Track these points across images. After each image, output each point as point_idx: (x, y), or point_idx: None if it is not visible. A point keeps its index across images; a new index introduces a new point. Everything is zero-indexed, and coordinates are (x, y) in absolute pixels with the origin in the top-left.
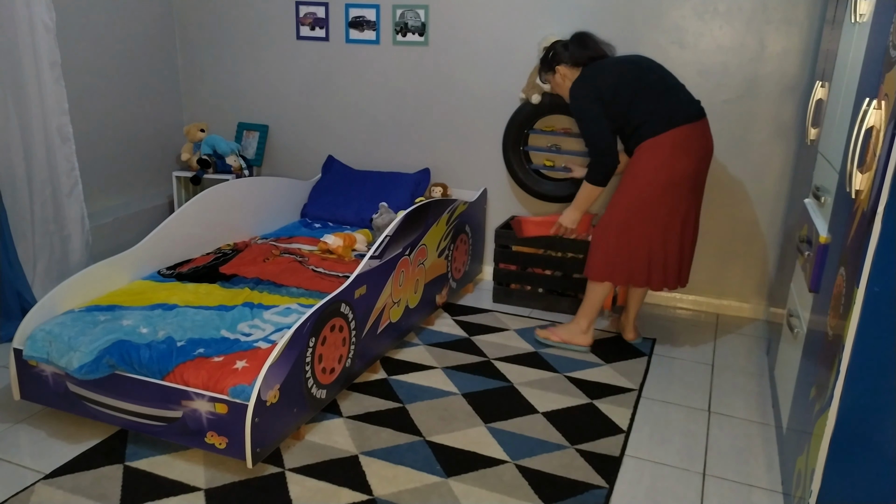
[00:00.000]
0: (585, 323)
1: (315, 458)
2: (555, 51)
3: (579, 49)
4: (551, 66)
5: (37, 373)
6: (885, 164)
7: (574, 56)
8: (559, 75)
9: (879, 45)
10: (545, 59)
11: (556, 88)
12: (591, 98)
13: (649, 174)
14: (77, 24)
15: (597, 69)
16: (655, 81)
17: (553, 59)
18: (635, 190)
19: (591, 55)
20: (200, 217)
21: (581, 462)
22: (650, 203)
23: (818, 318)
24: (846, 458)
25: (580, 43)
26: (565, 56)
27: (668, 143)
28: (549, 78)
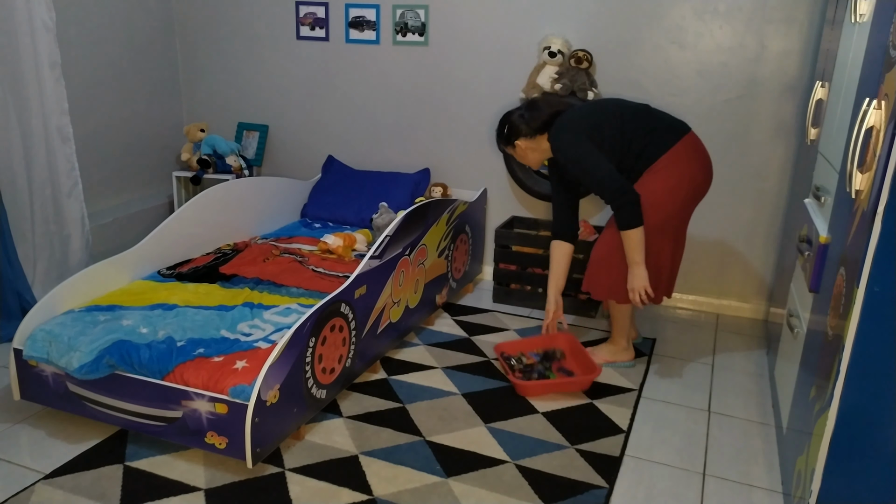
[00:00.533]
0: (623, 341)
1: (315, 458)
2: (510, 124)
3: (534, 113)
4: (509, 141)
5: (37, 373)
6: (885, 164)
7: (531, 124)
8: (520, 149)
9: (879, 45)
10: (500, 135)
11: (520, 160)
12: (581, 139)
13: (672, 190)
14: (77, 24)
15: (569, 117)
16: (637, 107)
17: (510, 133)
18: (660, 210)
19: (550, 113)
20: (200, 217)
21: (581, 462)
22: (673, 219)
23: (818, 318)
24: (846, 458)
25: (535, 109)
26: (524, 128)
27: (683, 153)
28: (509, 150)
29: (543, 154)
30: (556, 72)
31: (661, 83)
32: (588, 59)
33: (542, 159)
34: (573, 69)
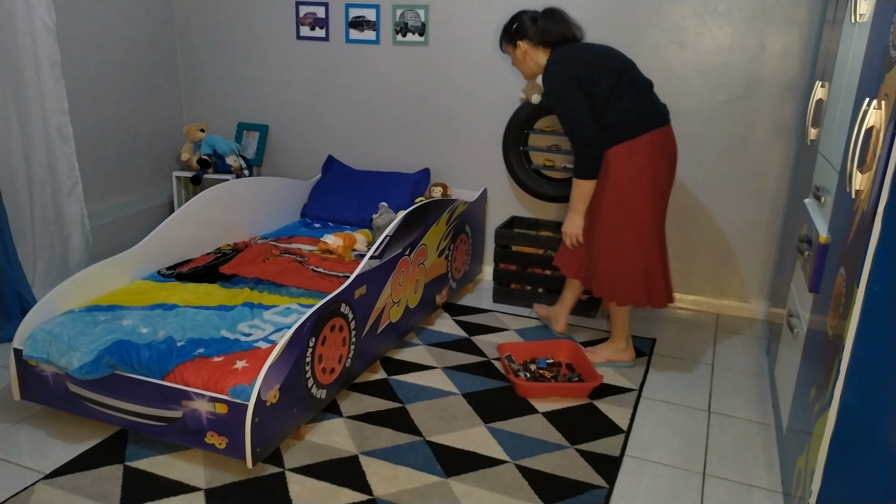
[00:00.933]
0: (622, 341)
1: (315, 458)
2: (520, 23)
3: (550, 25)
4: (513, 39)
5: (37, 373)
6: (885, 164)
7: (542, 33)
8: (520, 51)
9: (879, 45)
10: (507, 30)
11: (515, 64)
12: (572, 81)
13: (632, 180)
14: (77, 24)
15: (577, 51)
16: (636, 78)
17: (517, 31)
18: (620, 198)
19: (561, 34)
20: (200, 217)
21: (581, 462)
22: (638, 209)
23: (818, 318)
24: (846, 458)
25: (551, 18)
26: (531, 31)
27: (646, 145)
28: (509, 49)
29: (539, 69)
30: None
31: (661, 83)
32: None
33: (536, 73)
34: None
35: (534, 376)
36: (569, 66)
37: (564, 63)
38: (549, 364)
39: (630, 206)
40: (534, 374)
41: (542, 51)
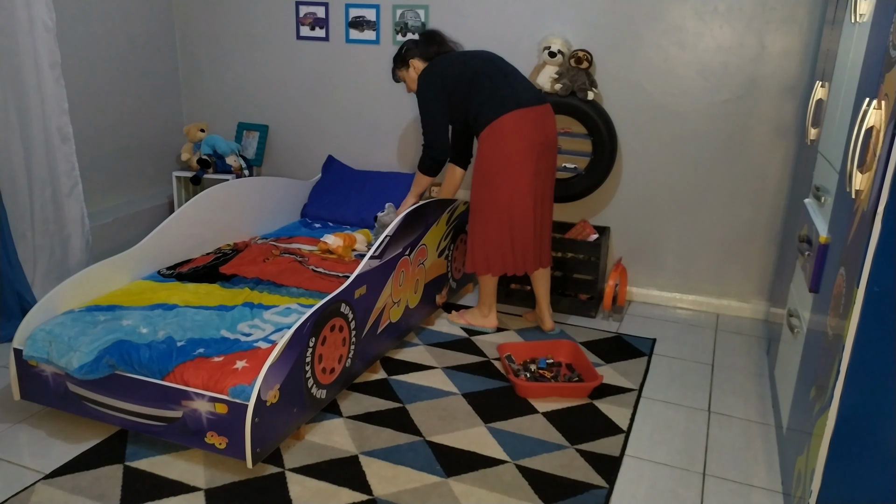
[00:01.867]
0: (486, 308)
1: (315, 458)
2: (407, 46)
3: (428, 45)
4: (405, 61)
5: (37, 373)
6: (885, 164)
7: (423, 51)
8: (412, 69)
9: (879, 45)
10: (398, 55)
11: (408, 83)
12: (436, 89)
13: (489, 158)
14: (77, 24)
15: (442, 60)
16: (493, 71)
17: (406, 53)
18: (481, 176)
19: (437, 50)
20: (200, 217)
21: (581, 462)
22: (494, 185)
23: (818, 318)
24: (846, 458)
25: (429, 39)
26: (416, 52)
27: (501, 126)
28: (402, 74)
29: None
30: (556, 72)
31: (661, 83)
32: (588, 59)
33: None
34: (573, 69)
35: (534, 376)
36: (433, 73)
37: (430, 72)
38: (549, 364)
39: (494, 183)
40: (534, 374)
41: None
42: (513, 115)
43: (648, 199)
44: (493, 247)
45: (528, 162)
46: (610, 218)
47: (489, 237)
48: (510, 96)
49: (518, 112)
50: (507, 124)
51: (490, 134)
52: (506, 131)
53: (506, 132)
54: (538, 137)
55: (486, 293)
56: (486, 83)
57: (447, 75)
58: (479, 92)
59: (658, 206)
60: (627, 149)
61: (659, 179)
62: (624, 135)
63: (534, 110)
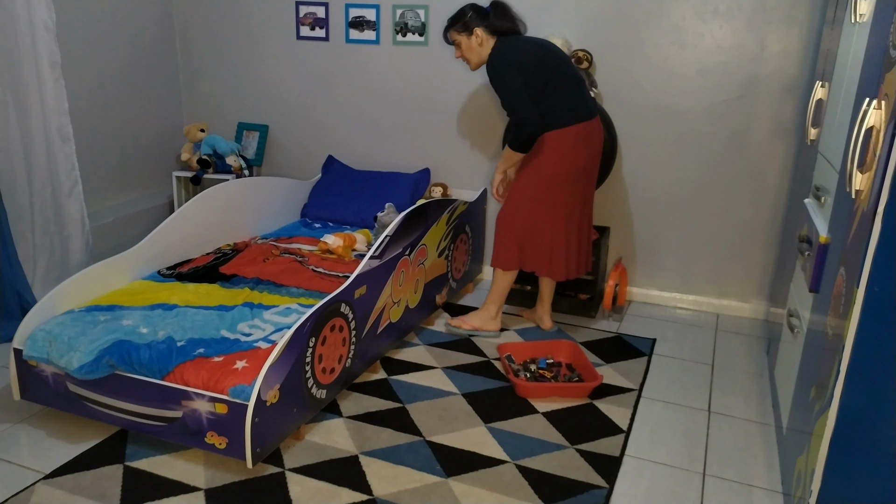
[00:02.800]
0: (494, 309)
1: (315, 458)
2: (474, 11)
3: (501, 18)
4: (468, 27)
5: (37, 373)
6: (885, 164)
7: (495, 24)
8: (476, 37)
9: (879, 45)
10: (460, 18)
11: (465, 52)
12: (515, 69)
13: (554, 164)
14: (77, 24)
15: (520, 44)
16: (570, 74)
17: (472, 19)
18: (540, 179)
19: (510, 27)
20: (200, 217)
21: (581, 462)
22: (554, 192)
23: (818, 318)
24: (846, 458)
25: (503, 13)
26: (483, 21)
27: (572, 136)
28: (462, 39)
29: (485, 58)
30: None
31: (661, 83)
32: (588, 59)
33: (483, 62)
34: None
35: (534, 376)
36: (513, 55)
37: (510, 52)
38: (549, 364)
39: (546, 185)
40: (534, 374)
41: (492, 40)
42: (585, 125)
43: (648, 199)
44: (529, 245)
45: (589, 172)
46: (610, 218)
47: (528, 236)
48: (583, 105)
49: (588, 123)
50: (580, 133)
51: (562, 139)
52: (578, 140)
53: (578, 140)
54: (598, 149)
55: (498, 293)
56: (564, 84)
57: (526, 63)
58: (555, 90)
59: (658, 206)
60: (627, 149)
61: (659, 179)
62: (624, 135)
63: (598, 121)
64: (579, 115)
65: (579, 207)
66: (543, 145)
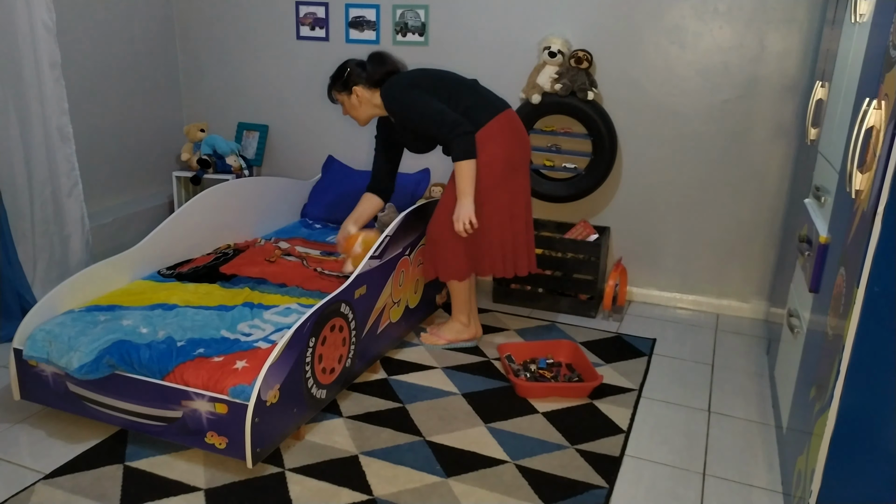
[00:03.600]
0: (465, 317)
1: (315, 458)
2: (350, 69)
3: (376, 66)
4: (347, 86)
5: (37, 373)
6: (885, 164)
7: (371, 75)
8: (355, 97)
9: (879, 45)
10: (339, 78)
11: (349, 110)
12: (412, 91)
13: (485, 164)
14: (77, 24)
15: (403, 77)
16: (464, 81)
17: (349, 78)
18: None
19: (388, 70)
20: (200, 217)
21: (581, 462)
22: (492, 191)
23: (818, 318)
24: (846, 458)
25: (380, 61)
26: (362, 78)
27: (495, 129)
28: (342, 98)
29: (374, 110)
30: (556, 72)
31: (661, 83)
32: (588, 59)
33: (372, 115)
34: (573, 69)
35: (534, 376)
36: (405, 80)
37: (400, 80)
38: (549, 364)
39: (482, 186)
40: (534, 374)
41: (375, 92)
42: (504, 115)
43: (648, 199)
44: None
45: (524, 163)
46: (610, 218)
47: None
48: (492, 101)
49: (506, 113)
50: (503, 125)
51: (486, 137)
52: (504, 132)
53: (504, 132)
54: (524, 138)
55: (461, 301)
56: (464, 89)
57: (420, 81)
58: (458, 98)
59: (658, 206)
60: (627, 149)
61: (659, 179)
62: (624, 135)
63: (512, 112)
64: (493, 109)
65: (522, 200)
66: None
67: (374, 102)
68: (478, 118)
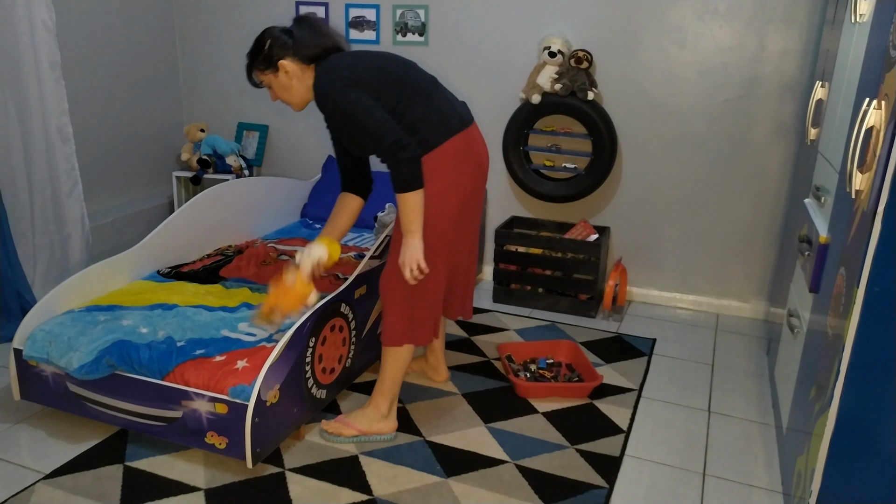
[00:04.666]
0: (386, 405)
1: (315, 458)
2: (273, 39)
3: (313, 37)
4: (271, 62)
5: (37, 373)
6: (885, 164)
7: (302, 46)
8: (283, 73)
9: (879, 45)
10: (259, 52)
11: (279, 93)
12: (354, 88)
13: (438, 200)
14: (77, 24)
15: (347, 58)
16: (423, 80)
17: (272, 50)
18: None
19: (325, 46)
20: (200, 217)
21: (581, 462)
22: (445, 233)
23: (818, 318)
24: (846, 458)
25: (312, 30)
26: (289, 50)
27: (450, 154)
28: (268, 78)
29: (309, 93)
30: (556, 72)
31: (661, 83)
32: (588, 59)
33: (308, 99)
34: (573, 69)
35: (534, 376)
36: (344, 71)
37: (339, 69)
38: (549, 364)
39: (436, 226)
40: (534, 374)
41: (308, 69)
42: (462, 136)
43: (648, 199)
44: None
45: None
46: (610, 218)
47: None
48: (452, 113)
49: (466, 132)
50: (458, 148)
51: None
52: (458, 156)
53: (458, 158)
54: (483, 163)
55: (393, 381)
56: (419, 94)
57: (363, 76)
58: (410, 103)
59: (658, 206)
60: (627, 149)
61: (659, 179)
62: (624, 135)
63: (475, 129)
64: (452, 125)
65: (468, 243)
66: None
67: (307, 84)
68: (428, 136)
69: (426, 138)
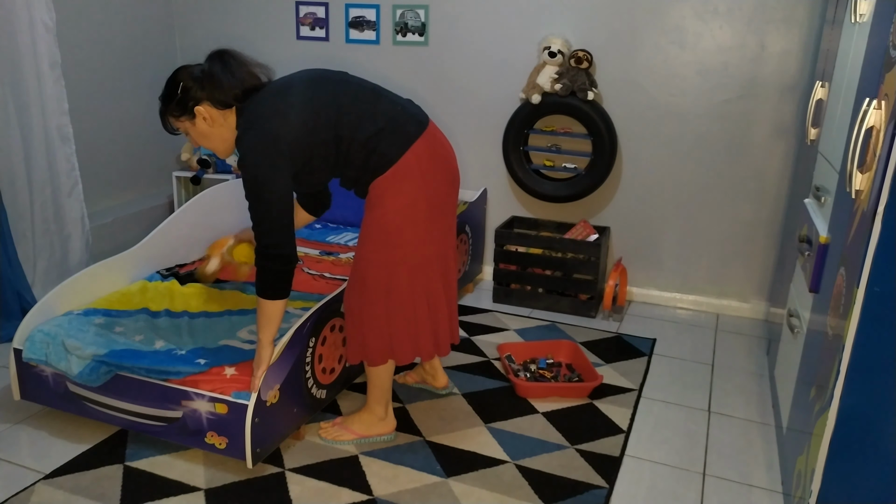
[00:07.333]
0: (381, 408)
1: (315, 458)
2: (185, 83)
3: (229, 77)
4: (185, 108)
5: (37, 373)
6: (885, 164)
7: (222, 90)
8: (201, 120)
9: (879, 45)
10: (172, 96)
11: (200, 140)
12: (275, 155)
13: (403, 209)
14: (77, 24)
15: (276, 105)
16: (362, 94)
17: (187, 94)
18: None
19: (245, 86)
20: (200, 217)
21: (581, 462)
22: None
23: (818, 318)
24: (846, 458)
25: (227, 67)
26: (204, 93)
27: (412, 163)
28: (184, 125)
29: (234, 134)
30: (556, 72)
31: (661, 83)
32: (588, 59)
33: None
34: (573, 69)
35: (534, 376)
36: (272, 124)
37: (264, 121)
38: (549, 364)
39: (404, 241)
40: (534, 374)
41: (228, 114)
42: (421, 142)
43: (648, 199)
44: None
45: (450, 196)
46: (610, 218)
47: (398, 313)
48: (404, 120)
49: (424, 137)
50: (420, 155)
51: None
52: (422, 164)
53: (422, 165)
54: (449, 161)
55: (381, 389)
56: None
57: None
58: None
59: (658, 206)
60: (627, 149)
61: (659, 179)
62: (624, 135)
63: (434, 128)
64: (408, 131)
65: (450, 253)
66: (383, 193)
67: (230, 126)
68: (387, 150)
69: (385, 153)
